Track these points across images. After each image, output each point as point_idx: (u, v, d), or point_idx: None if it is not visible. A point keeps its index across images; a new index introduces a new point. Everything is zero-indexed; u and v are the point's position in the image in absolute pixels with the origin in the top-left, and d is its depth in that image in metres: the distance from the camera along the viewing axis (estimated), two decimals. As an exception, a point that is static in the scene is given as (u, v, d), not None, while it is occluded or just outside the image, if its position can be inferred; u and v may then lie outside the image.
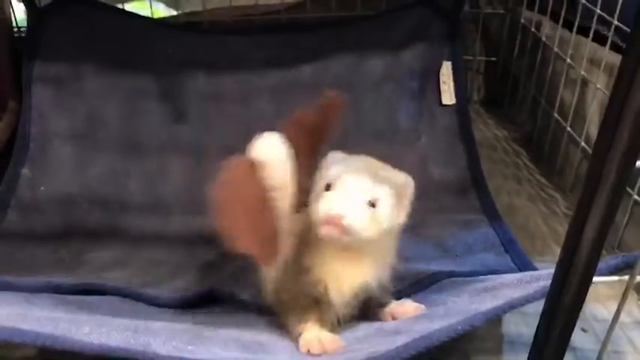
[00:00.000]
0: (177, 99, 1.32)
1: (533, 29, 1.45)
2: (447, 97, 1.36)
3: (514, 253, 1.04)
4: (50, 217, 1.19)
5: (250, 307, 0.92)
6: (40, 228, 1.17)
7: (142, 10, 1.53)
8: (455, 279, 0.94)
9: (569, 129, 1.26)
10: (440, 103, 1.36)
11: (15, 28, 1.41)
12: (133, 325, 0.75)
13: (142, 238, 1.15)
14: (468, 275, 0.95)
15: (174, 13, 1.61)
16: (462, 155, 1.30)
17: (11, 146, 1.26)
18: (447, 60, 1.37)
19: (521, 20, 1.49)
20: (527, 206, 1.25)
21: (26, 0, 1.33)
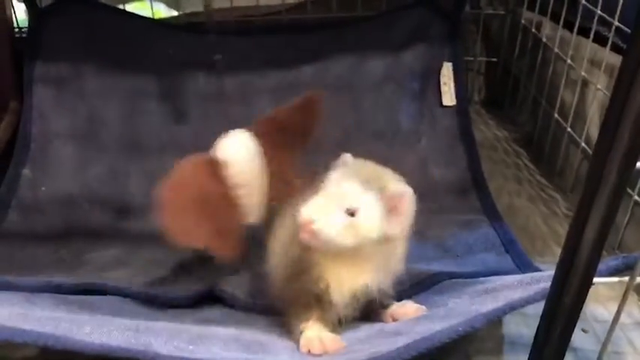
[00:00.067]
0: (178, 99, 1.32)
1: (533, 30, 1.45)
2: (448, 98, 1.36)
3: (514, 253, 1.04)
4: (51, 218, 1.19)
5: (250, 307, 0.92)
6: (41, 228, 1.17)
7: (143, 11, 1.53)
8: (456, 280, 0.94)
9: (569, 130, 1.26)
10: (440, 104, 1.36)
11: (16, 28, 1.41)
12: (134, 325, 0.75)
13: (143, 238, 1.14)
14: (468, 276, 0.95)
15: (174, 13, 1.61)
16: (463, 156, 1.30)
17: (12, 146, 1.26)
18: (448, 61, 1.37)
19: (522, 21, 1.49)
20: (527, 207, 1.25)
21: (27, 0, 1.34)
